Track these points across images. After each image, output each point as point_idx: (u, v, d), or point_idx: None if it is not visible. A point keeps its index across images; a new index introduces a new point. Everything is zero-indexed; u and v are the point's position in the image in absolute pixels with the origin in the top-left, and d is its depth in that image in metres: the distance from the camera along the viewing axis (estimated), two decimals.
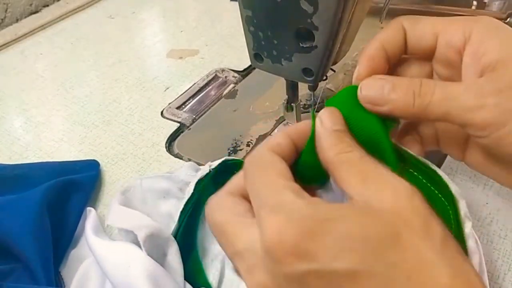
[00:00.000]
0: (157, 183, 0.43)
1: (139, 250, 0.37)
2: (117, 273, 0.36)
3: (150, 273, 0.35)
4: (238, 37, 0.72)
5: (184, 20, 0.80)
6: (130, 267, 0.36)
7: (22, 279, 0.40)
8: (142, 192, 0.44)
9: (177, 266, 0.39)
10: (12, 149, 0.56)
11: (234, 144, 0.55)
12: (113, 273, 0.36)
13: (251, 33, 0.42)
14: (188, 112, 0.60)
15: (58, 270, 0.42)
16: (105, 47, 0.73)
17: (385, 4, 0.52)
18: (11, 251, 0.41)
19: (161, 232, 0.39)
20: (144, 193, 0.44)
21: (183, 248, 0.40)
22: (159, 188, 0.43)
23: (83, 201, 0.47)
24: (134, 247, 0.38)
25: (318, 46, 0.39)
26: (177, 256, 0.39)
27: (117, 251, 0.38)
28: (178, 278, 0.38)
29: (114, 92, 0.64)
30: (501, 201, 0.44)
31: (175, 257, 0.39)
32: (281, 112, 0.53)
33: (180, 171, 0.45)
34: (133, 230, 0.38)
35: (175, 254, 0.39)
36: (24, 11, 0.83)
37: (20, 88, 0.66)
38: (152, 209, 0.43)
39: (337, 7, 0.36)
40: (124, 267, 0.36)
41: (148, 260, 0.36)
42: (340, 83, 0.62)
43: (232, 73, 0.66)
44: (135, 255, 0.37)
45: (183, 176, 0.44)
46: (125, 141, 0.56)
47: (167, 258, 0.39)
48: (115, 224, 0.41)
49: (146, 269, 0.35)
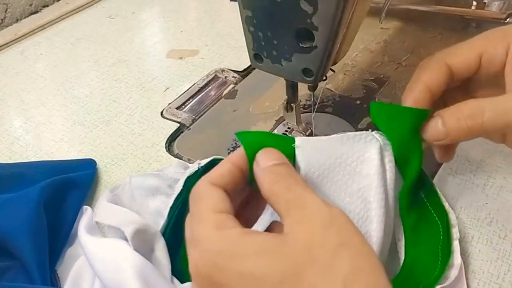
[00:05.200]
0: (146, 181, 0.44)
1: (128, 247, 0.37)
2: (106, 269, 0.36)
3: (139, 269, 0.35)
4: (238, 37, 0.72)
5: (184, 20, 0.80)
6: (119, 263, 0.36)
7: (18, 277, 0.40)
8: (131, 190, 0.44)
9: (164, 262, 0.39)
10: (12, 149, 0.56)
11: (234, 144, 0.55)
12: (102, 270, 0.37)
13: (251, 33, 0.42)
14: (188, 112, 0.60)
15: (55, 269, 0.42)
16: (105, 47, 0.73)
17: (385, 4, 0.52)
18: (7, 249, 0.41)
19: (148, 228, 0.39)
20: (133, 191, 0.44)
21: (172, 243, 0.40)
22: (148, 185, 0.43)
23: (80, 200, 0.47)
24: (123, 243, 0.38)
25: (318, 46, 0.39)
26: (164, 251, 0.39)
27: (106, 248, 0.38)
28: (165, 273, 0.38)
29: (114, 92, 0.64)
30: (501, 201, 0.44)
31: (162, 252, 0.39)
32: (281, 112, 0.53)
33: (169, 169, 0.45)
34: (119, 227, 0.38)
35: (162, 249, 0.39)
36: (24, 11, 0.83)
37: (20, 88, 0.66)
38: (140, 206, 0.43)
39: (337, 7, 0.36)
40: (113, 264, 0.36)
41: (137, 256, 0.36)
42: (340, 83, 0.62)
43: (232, 73, 0.66)
44: (124, 251, 0.37)
45: (172, 173, 0.44)
46: (125, 141, 0.56)
47: (154, 253, 0.39)
48: (102, 220, 0.41)
49: (135, 265, 0.35)
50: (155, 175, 0.44)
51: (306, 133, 0.52)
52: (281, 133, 0.55)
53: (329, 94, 0.61)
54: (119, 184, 0.45)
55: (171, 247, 0.40)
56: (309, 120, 0.53)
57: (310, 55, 0.40)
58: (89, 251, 0.38)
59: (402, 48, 0.68)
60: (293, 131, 0.54)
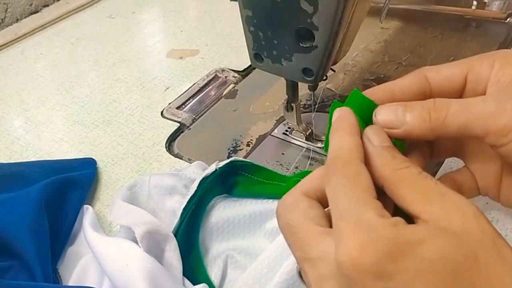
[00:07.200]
0: (164, 180, 0.44)
1: (138, 247, 0.37)
2: (115, 269, 0.36)
3: (149, 270, 0.35)
4: (238, 37, 0.72)
5: (184, 20, 0.80)
6: (128, 264, 0.36)
7: (20, 276, 0.40)
8: (149, 188, 0.44)
9: (175, 263, 0.39)
10: (12, 149, 0.56)
11: (234, 144, 0.55)
12: (111, 270, 0.37)
13: (251, 33, 0.42)
14: (188, 112, 0.60)
15: (56, 267, 0.42)
16: (105, 47, 0.73)
17: (385, 4, 0.52)
18: (9, 248, 0.41)
19: (160, 228, 0.39)
20: (151, 189, 0.44)
21: (184, 245, 0.40)
22: (166, 184, 0.44)
23: (81, 199, 0.47)
24: (133, 244, 0.38)
25: (318, 46, 0.39)
26: (176, 252, 0.39)
27: (116, 248, 0.38)
28: (176, 274, 0.38)
29: (114, 92, 0.64)
30: None
31: (174, 253, 0.39)
32: (281, 112, 0.53)
33: (188, 169, 0.45)
34: (130, 227, 0.38)
35: (174, 250, 0.39)
36: (24, 11, 0.83)
37: (20, 88, 0.66)
38: (157, 205, 0.43)
39: (337, 7, 0.36)
40: (123, 264, 0.36)
41: (146, 257, 0.36)
42: (340, 83, 0.62)
43: (232, 73, 0.66)
44: (134, 252, 0.37)
45: (190, 174, 0.44)
46: (125, 141, 0.56)
47: (165, 254, 0.39)
48: (116, 220, 0.41)
49: (145, 266, 0.35)
50: (173, 174, 0.44)
51: (307, 132, 0.52)
52: (281, 133, 0.55)
53: (330, 94, 0.61)
54: (137, 182, 0.45)
55: (183, 248, 0.40)
56: (310, 120, 0.53)
57: (311, 55, 0.40)
58: (98, 250, 0.38)
59: (402, 48, 0.68)
60: (293, 131, 0.54)
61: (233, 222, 0.42)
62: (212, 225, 0.42)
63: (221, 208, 0.42)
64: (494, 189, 0.34)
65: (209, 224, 0.42)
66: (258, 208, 0.41)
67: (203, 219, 0.42)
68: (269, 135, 0.55)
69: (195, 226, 0.41)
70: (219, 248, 0.41)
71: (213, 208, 0.43)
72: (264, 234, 0.41)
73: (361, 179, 0.27)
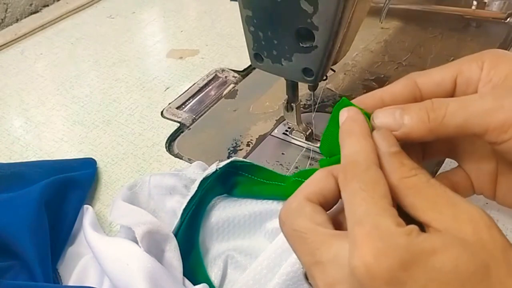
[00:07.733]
0: (164, 180, 0.44)
1: (138, 247, 0.37)
2: (115, 269, 0.36)
3: (149, 270, 0.35)
4: (238, 37, 0.72)
5: (184, 20, 0.80)
6: (129, 264, 0.36)
7: (20, 276, 0.40)
8: (149, 188, 0.44)
9: (176, 263, 0.39)
10: (12, 149, 0.56)
11: (234, 144, 0.55)
12: (111, 270, 0.37)
13: (251, 33, 0.42)
14: (188, 112, 0.60)
15: (56, 267, 0.42)
16: (105, 47, 0.73)
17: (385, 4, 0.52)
18: (9, 248, 0.41)
19: (160, 228, 0.39)
20: (151, 189, 0.44)
21: (185, 245, 0.40)
22: (166, 184, 0.44)
23: (81, 199, 0.47)
24: (133, 244, 0.38)
25: (318, 46, 0.39)
26: (176, 252, 0.39)
27: (116, 248, 0.38)
28: (177, 274, 0.38)
29: (114, 92, 0.64)
30: None
31: (174, 253, 0.39)
32: (281, 112, 0.53)
33: (189, 169, 0.45)
34: (131, 227, 0.38)
35: (174, 250, 0.39)
36: (24, 11, 0.83)
37: (20, 88, 0.66)
38: (157, 205, 0.43)
39: (337, 7, 0.36)
40: (123, 264, 0.36)
41: (146, 257, 0.36)
42: (340, 83, 0.62)
43: (232, 73, 0.66)
44: (134, 252, 0.37)
45: (190, 174, 0.44)
46: (125, 141, 0.56)
47: (165, 254, 0.39)
48: (116, 220, 0.41)
49: (145, 266, 0.35)
50: (173, 174, 0.44)
51: (307, 132, 0.52)
52: (281, 133, 0.55)
53: (330, 94, 0.61)
54: (137, 182, 0.45)
55: (183, 248, 0.40)
56: (309, 120, 0.53)
57: (311, 55, 0.40)
58: (98, 250, 0.38)
59: (402, 48, 0.68)
60: (293, 131, 0.54)
61: (233, 222, 0.42)
62: (212, 225, 0.42)
63: (221, 208, 0.42)
64: (489, 188, 0.34)
65: (209, 224, 0.42)
66: (258, 208, 0.41)
67: (203, 219, 0.42)
68: (269, 135, 0.55)
69: (196, 226, 0.41)
70: (219, 248, 0.41)
71: (213, 208, 0.43)
72: (264, 234, 0.41)
73: (380, 186, 0.27)
